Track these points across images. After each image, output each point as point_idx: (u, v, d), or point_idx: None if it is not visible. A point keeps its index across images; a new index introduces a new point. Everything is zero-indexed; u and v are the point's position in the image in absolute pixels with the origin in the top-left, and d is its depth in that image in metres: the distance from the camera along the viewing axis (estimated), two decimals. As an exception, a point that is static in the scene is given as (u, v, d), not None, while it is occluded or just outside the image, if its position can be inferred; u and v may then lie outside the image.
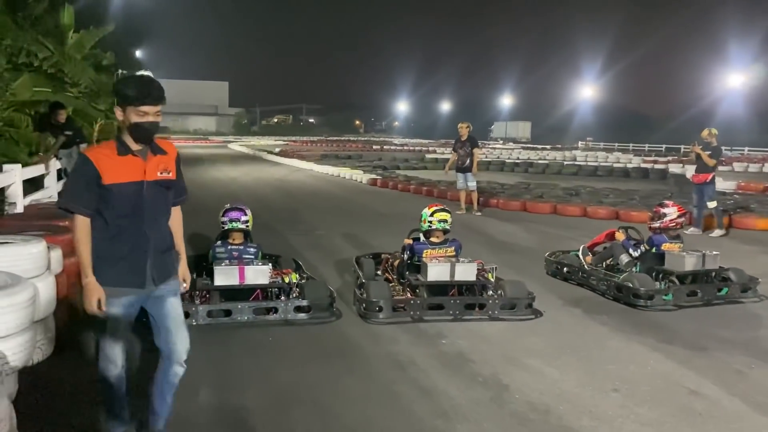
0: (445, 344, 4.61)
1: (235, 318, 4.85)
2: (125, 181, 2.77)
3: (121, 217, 2.80)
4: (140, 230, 2.85)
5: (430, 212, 5.80)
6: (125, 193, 2.77)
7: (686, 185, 19.12)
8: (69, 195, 2.85)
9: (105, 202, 2.76)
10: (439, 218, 5.75)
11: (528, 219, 11.63)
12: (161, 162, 2.91)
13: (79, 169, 2.82)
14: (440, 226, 5.74)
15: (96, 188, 2.73)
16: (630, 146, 52.24)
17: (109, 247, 2.82)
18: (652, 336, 4.91)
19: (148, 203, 2.85)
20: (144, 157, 2.84)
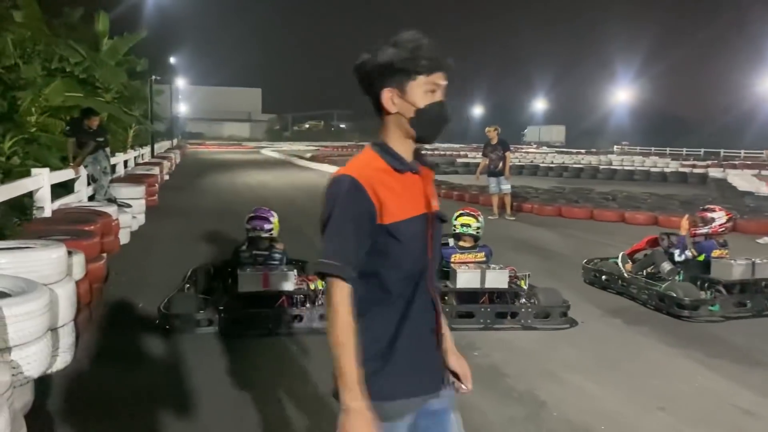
0: (478, 356, 4.38)
1: (258, 326, 4.69)
2: (410, 216, 1.70)
3: (404, 278, 1.69)
4: (426, 296, 1.74)
5: (456, 215, 5.65)
6: (411, 236, 1.69)
7: (728, 190, 18.56)
8: (333, 248, 1.65)
9: (383, 256, 1.66)
10: (462, 222, 5.57)
11: (563, 224, 11.31)
12: (431, 179, 1.90)
13: (342, 202, 1.66)
14: (462, 230, 5.55)
15: (371, 233, 1.64)
16: (667, 150, 51.03)
17: (392, 331, 1.68)
18: (699, 349, 4.61)
19: (435, 250, 1.79)
20: (419, 173, 1.80)
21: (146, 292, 5.90)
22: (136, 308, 5.36)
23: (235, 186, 18.51)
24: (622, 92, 75.95)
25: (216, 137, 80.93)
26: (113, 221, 7.26)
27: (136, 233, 9.07)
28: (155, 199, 12.63)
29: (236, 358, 4.26)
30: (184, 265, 6.27)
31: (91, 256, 5.25)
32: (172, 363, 4.16)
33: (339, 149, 53.79)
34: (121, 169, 14.07)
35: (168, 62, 43.15)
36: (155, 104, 30.51)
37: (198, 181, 19.64)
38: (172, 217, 11.23)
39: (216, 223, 10.37)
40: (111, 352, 4.35)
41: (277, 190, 17.46)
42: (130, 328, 4.86)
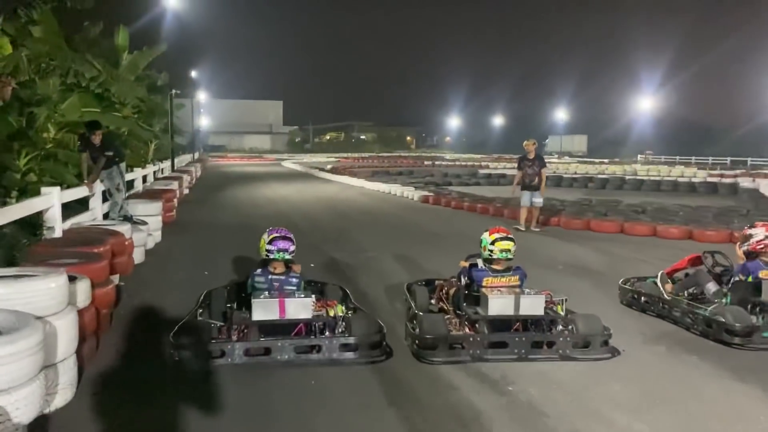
0: (513, 392, 4.00)
1: (274, 357, 4.36)
2: None
3: None
4: None
5: (491, 240, 5.14)
6: None
7: (761, 200, 17.93)
8: None
9: None
10: (501, 248, 5.10)
11: (593, 238, 10.87)
12: None
13: None
14: (502, 256, 5.10)
15: None
16: (692, 159, 50.15)
17: None
18: (757, 383, 4.18)
19: None
20: None
21: (159, 315, 5.62)
22: (146, 335, 5.06)
23: (254, 199, 18.31)
24: (644, 100, 74.87)
25: (238, 150, 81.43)
26: (126, 240, 7.00)
27: (152, 251, 8.83)
28: (173, 215, 12.42)
29: (250, 394, 3.93)
30: (200, 285, 5.98)
31: (99, 280, 4.98)
32: (181, 398, 3.84)
33: (359, 160, 53.73)
34: (140, 185, 13.90)
35: (189, 76, 43.49)
36: (176, 118, 30.59)
37: (218, 195, 19.48)
38: (190, 234, 11.01)
39: (234, 238, 10.13)
40: (117, 386, 4.05)
41: (296, 203, 17.22)
42: (139, 357, 4.56)
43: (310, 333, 4.60)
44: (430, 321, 4.68)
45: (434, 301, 5.64)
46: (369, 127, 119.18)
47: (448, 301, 5.38)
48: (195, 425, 3.53)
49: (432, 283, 5.94)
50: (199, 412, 3.68)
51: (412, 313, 5.11)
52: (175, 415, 3.65)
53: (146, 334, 5.08)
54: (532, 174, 11.42)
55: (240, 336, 4.50)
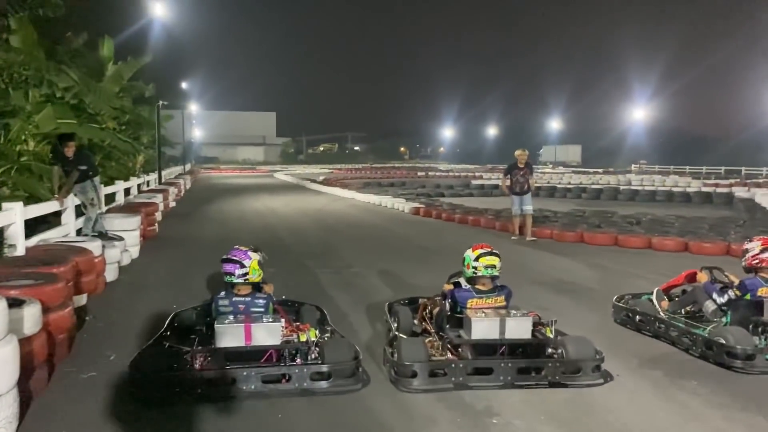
0: (497, 425, 3.66)
1: (239, 387, 4.02)
2: None
3: None
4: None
5: (475, 256, 4.81)
6: None
7: (758, 210, 17.69)
8: None
9: None
10: (485, 263, 4.78)
11: (586, 252, 10.56)
12: None
13: None
14: (487, 273, 4.78)
15: None
16: (686, 169, 50.07)
17: None
18: (760, 412, 3.86)
19: None
20: None
21: (124, 339, 5.27)
22: (106, 362, 4.70)
23: (242, 213, 17.96)
24: (638, 110, 75.01)
25: (230, 161, 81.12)
26: (96, 258, 6.67)
27: (127, 269, 8.47)
28: (154, 230, 12.07)
29: (210, 427, 3.59)
30: (173, 305, 5.67)
31: (55, 303, 4.63)
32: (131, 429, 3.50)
33: (352, 171, 53.47)
34: (121, 198, 13.54)
35: (179, 87, 43.18)
36: (165, 130, 30.30)
37: (205, 208, 19.13)
38: (171, 249, 10.65)
39: (216, 254, 9.56)
40: (65, 421, 3.69)
41: (284, 216, 16.88)
42: (94, 388, 4.20)
43: (281, 360, 4.26)
44: (409, 346, 4.36)
45: (417, 321, 5.32)
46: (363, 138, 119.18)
47: (432, 321, 5.05)
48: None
49: (415, 302, 5.63)
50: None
51: (392, 336, 4.81)
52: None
53: (106, 361, 4.72)
54: (523, 182, 11.74)
55: (204, 363, 4.16)
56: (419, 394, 4.11)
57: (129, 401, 3.93)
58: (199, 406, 3.87)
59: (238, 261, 4.53)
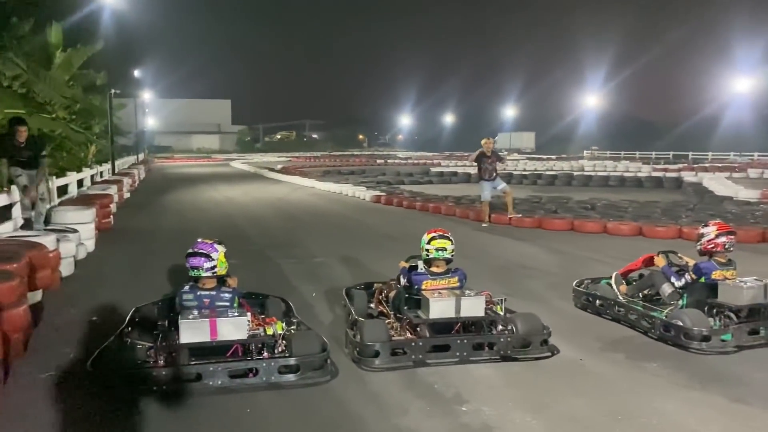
0: (467, 412, 3.69)
1: (206, 383, 3.95)
2: None
3: None
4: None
5: (428, 239, 5.07)
6: None
7: (706, 195, 18.25)
8: None
9: None
10: (437, 246, 5.00)
11: (544, 237, 10.73)
12: None
13: None
14: (438, 255, 5.00)
15: None
16: (636, 154, 51.33)
17: None
18: (719, 392, 3.99)
19: None
20: None
21: (82, 336, 5.12)
22: (64, 360, 4.56)
23: (199, 203, 17.67)
24: (590, 97, 76.40)
25: (185, 150, 79.59)
26: (50, 253, 6.45)
27: (83, 262, 8.23)
28: (109, 222, 11.76)
29: (177, 427, 3.52)
30: (133, 300, 5.52)
31: (9, 301, 4.48)
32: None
33: (311, 159, 53.12)
34: (74, 190, 13.15)
35: (132, 75, 42.01)
36: (117, 119, 29.51)
37: (161, 199, 18.74)
38: (127, 242, 10.41)
39: (175, 246, 9.48)
40: (21, 424, 3.57)
41: (243, 206, 16.67)
42: (52, 387, 4.07)
43: (247, 354, 4.21)
44: (370, 327, 4.52)
45: (374, 305, 5.50)
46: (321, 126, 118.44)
47: (388, 304, 5.24)
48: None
49: (371, 287, 5.80)
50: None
51: (352, 320, 4.94)
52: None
53: (65, 360, 4.58)
54: (491, 169, 11.98)
55: (168, 360, 4.07)
56: (390, 384, 4.13)
57: (90, 400, 3.82)
58: (164, 403, 3.79)
59: (206, 254, 4.45)
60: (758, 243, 9.85)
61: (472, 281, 5.31)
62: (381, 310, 5.33)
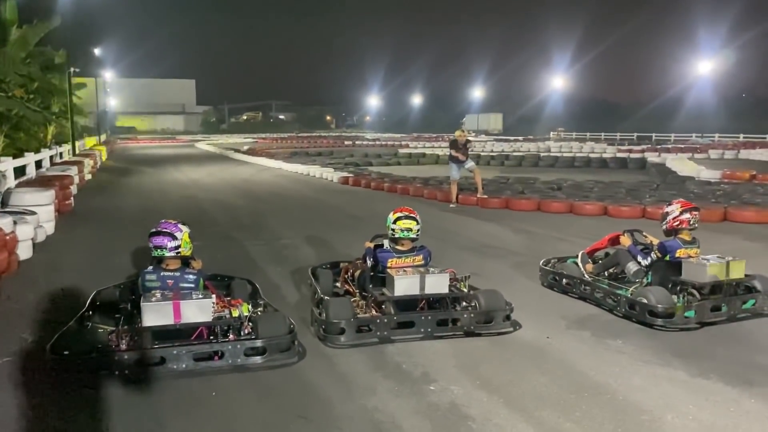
0: (435, 392, 3.69)
1: (170, 366, 3.87)
2: None
3: None
4: None
5: (394, 218, 5.10)
6: None
7: (669, 175, 18.57)
8: None
9: None
10: (402, 226, 5.04)
11: (511, 217, 10.79)
12: None
13: None
14: (404, 235, 5.04)
15: None
16: (602, 135, 51.98)
17: None
18: (682, 367, 4.06)
19: None
20: None
21: (41, 321, 4.98)
22: (23, 345, 4.43)
23: (162, 184, 17.34)
24: (556, 79, 76.89)
25: (149, 131, 78.16)
26: (6, 236, 6.25)
27: (42, 245, 8.01)
28: (70, 204, 11.46)
29: (139, 412, 3.44)
30: (94, 283, 5.37)
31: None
32: (57, 420, 3.31)
33: (278, 141, 52.52)
34: (32, 171, 12.77)
35: (92, 54, 40.85)
36: (78, 98, 28.71)
37: (123, 180, 18.35)
38: (89, 224, 10.16)
39: (138, 229, 9.24)
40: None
41: (208, 187, 16.42)
42: (10, 373, 3.94)
43: (212, 336, 4.13)
44: (336, 305, 4.56)
45: (339, 284, 5.57)
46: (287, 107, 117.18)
47: (354, 283, 5.29)
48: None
49: (337, 266, 5.86)
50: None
51: (318, 298, 4.96)
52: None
53: (23, 345, 4.44)
54: (464, 157, 12.23)
55: (130, 343, 3.97)
56: (357, 364, 4.11)
57: (50, 387, 3.71)
58: (126, 388, 3.71)
59: (170, 233, 4.34)
60: (720, 222, 10.05)
61: (438, 261, 5.33)
62: (347, 288, 5.40)
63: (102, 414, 3.40)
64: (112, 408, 3.47)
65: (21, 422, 3.32)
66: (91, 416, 3.37)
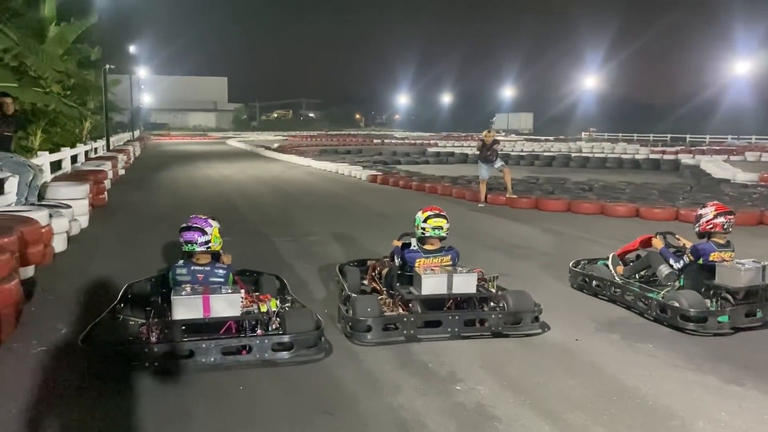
0: (461, 391, 3.67)
1: (198, 359, 3.92)
2: None
3: None
4: None
5: (424, 217, 5.04)
6: None
7: (704, 178, 18.21)
8: None
9: None
10: (433, 225, 5.00)
11: (541, 218, 10.69)
12: None
13: None
14: (434, 234, 5.00)
15: None
16: (634, 136, 51.20)
17: None
18: (714, 373, 3.98)
19: None
20: None
21: (75, 312, 5.08)
22: (56, 335, 4.52)
23: (194, 180, 17.56)
24: (588, 79, 76.04)
25: (181, 128, 79.30)
26: (42, 228, 6.39)
27: (77, 238, 8.17)
28: (104, 198, 11.67)
29: (168, 404, 3.49)
30: (126, 276, 5.49)
31: (0, 275, 4.42)
32: (88, 409, 3.37)
33: (307, 138, 52.86)
34: (68, 166, 13.03)
35: (127, 51, 41.53)
36: (112, 95, 29.22)
37: (156, 176, 18.62)
38: (121, 218, 10.34)
39: (169, 223, 9.42)
40: (12, 400, 3.53)
41: (238, 183, 16.58)
42: (44, 363, 4.03)
43: (240, 331, 4.17)
44: (363, 303, 4.56)
45: (367, 282, 5.60)
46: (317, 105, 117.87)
47: (381, 281, 5.30)
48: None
49: (365, 264, 5.89)
50: (107, 427, 3.22)
51: (345, 295, 4.96)
52: (78, 430, 3.19)
53: (57, 335, 4.54)
54: (490, 155, 12.12)
55: (160, 336, 4.03)
56: (384, 362, 4.11)
57: (81, 377, 3.79)
58: (156, 380, 3.76)
59: (200, 228, 4.39)
60: (756, 225, 9.84)
61: (465, 260, 5.30)
62: (374, 286, 5.41)
63: (131, 404, 3.45)
64: (141, 399, 3.52)
65: (51, 410, 3.38)
66: (120, 406, 3.43)
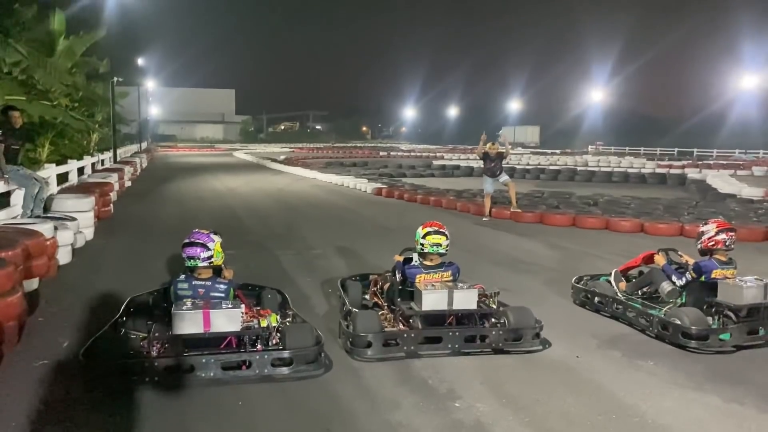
0: (460, 408, 3.67)
1: (198, 374, 3.93)
2: None
3: None
4: None
5: (423, 233, 5.07)
6: None
7: (709, 193, 18.16)
8: None
9: None
10: (432, 242, 5.01)
11: (545, 232, 10.68)
12: None
13: None
14: (432, 250, 5.01)
15: None
16: (641, 150, 51.12)
17: None
18: (715, 392, 3.96)
19: None
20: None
21: (78, 325, 5.11)
22: (58, 349, 4.54)
23: (200, 192, 17.64)
24: (595, 92, 76.06)
25: (188, 139, 79.64)
26: (46, 241, 6.43)
27: (81, 251, 8.22)
28: (109, 210, 11.74)
29: (166, 419, 3.50)
30: (130, 289, 5.51)
31: (4, 288, 4.45)
32: (87, 425, 3.38)
33: (314, 150, 53.03)
34: (74, 178, 13.13)
35: (135, 63, 41.94)
36: (120, 107, 29.47)
37: (162, 188, 18.72)
38: (127, 231, 10.38)
39: (175, 236, 9.44)
40: (13, 413, 3.54)
41: (244, 196, 16.65)
42: (45, 376, 4.05)
43: (241, 346, 4.19)
44: (364, 318, 4.57)
45: (368, 296, 5.58)
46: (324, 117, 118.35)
47: (383, 296, 5.30)
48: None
49: (367, 278, 5.88)
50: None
51: (346, 310, 4.98)
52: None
53: (59, 349, 4.56)
54: (495, 167, 12.23)
55: (161, 350, 4.05)
56: (384, 378, 4.11)
57: (82, 390, 3.80)
58: (156, 394, 3.77)
59: (202, 244, 4.41)
60: (761, 241, 9.79)
61: (469, 275, 5.31)
62: (375, 301, 5.41)
63: (130, 419, 3.47)
64: (141, 413, 3.53)
65: (51, 425, 3.40)
66: (120, 421, 3.44)
